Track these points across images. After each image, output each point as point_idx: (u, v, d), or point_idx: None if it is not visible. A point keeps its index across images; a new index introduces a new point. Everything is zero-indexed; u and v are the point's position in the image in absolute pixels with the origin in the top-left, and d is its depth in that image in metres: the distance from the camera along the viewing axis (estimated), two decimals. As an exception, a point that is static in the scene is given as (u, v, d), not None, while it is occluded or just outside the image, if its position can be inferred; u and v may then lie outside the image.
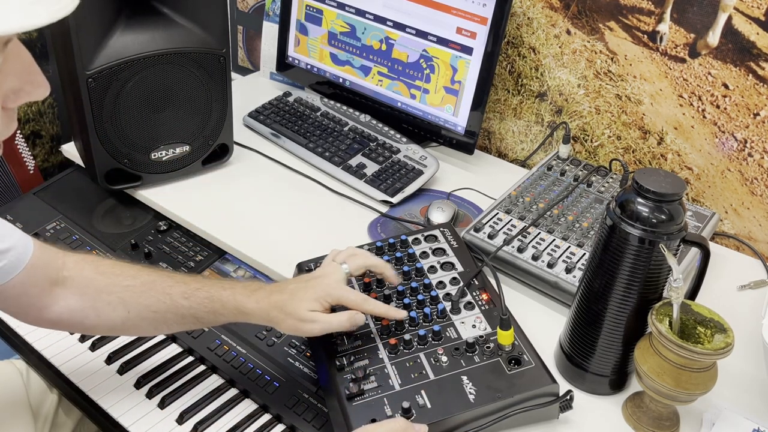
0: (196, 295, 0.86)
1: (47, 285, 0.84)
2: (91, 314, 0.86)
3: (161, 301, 0.86)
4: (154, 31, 1.14)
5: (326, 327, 0.85)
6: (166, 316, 0.87)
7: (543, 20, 1.33)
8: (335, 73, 1.52)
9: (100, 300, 0.86)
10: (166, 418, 0.91)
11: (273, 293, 0.86)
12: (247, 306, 0.86)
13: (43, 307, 0.85)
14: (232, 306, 0.86)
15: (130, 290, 0.86)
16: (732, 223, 1.24)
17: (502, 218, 1.14)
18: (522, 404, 0.83)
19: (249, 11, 1.73)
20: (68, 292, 0.86)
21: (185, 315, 0.86)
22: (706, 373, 0.80)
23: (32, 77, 0.57)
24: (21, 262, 0.80)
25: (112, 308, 0.86)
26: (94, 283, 0.87)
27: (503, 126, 1.47)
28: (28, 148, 1.53)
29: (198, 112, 1.24)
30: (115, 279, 0.87)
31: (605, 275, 0.84)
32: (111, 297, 0.86)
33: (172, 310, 0.86)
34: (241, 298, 0.86)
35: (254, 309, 0.86)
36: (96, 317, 0.86)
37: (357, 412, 0.81)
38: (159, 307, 0.86)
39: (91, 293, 0.86)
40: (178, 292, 0.86)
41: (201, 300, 0.86)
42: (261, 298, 0.86)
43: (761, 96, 1.14)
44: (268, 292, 0.87)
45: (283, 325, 0.85)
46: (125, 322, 0.87)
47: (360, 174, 1.31)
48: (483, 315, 0.93)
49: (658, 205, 0.79)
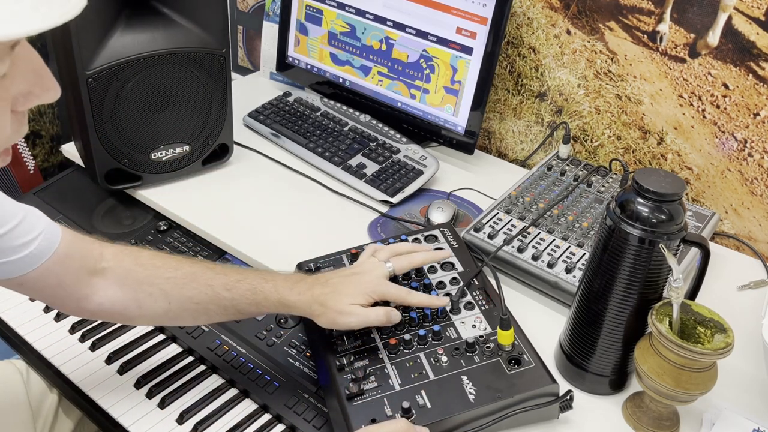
0: (238, 287, 0.87)
1: (84, 275, 0.84)
2: (133, 305, 0.86)
3: (203, 292, 0.86)
4: (154, 31, 1.14)
5: (364, 320, 0.86)
6: (209, 308, 0.87)
7: (543, 20, 1.33)
8: (335, 73, 1.52)
9: (141, 291, 0.86)
10: (166, 418, 0.91)
11: (315, 286, 0.87)
12: (290, 298, 0.87)
13: (81, 298, 0.85)
14: (275, 299, 0.87)
15: (172, 282, 0.86)
16: (732, 223, 1.24)
17: (502, 218, 1.14)
18: (522, 404, 0.83)
19: (249, 11, 1.73)
20: (108, 283, 0.86)
21: (227, 306, 0.87)
22: (706, 373, 0.80)
23: (42, 80, 0.57)
24: (47, 252, 0.79)
25: (153, 299, 0.86)
26: (134, 274, 0.87)
27: (503, 126, 1.47)
28: (28, 148, 1.53)
29: (198, 112, 1.24)
30: (155, 271, 0.87)
31: (605, 275, 0.84)
32: (152, 288, 0.86)
33: (215, 301, 0.87)
34: (283, 290, 0.87)
35: (296, 301, 0.87)
36: (137, 308, 0.87)
37: (357, 412, 0.81)
38: (201, 298, 0.86)
39: (132, 284, 0.86)
40: (220, 284, 0.87)
41: (243, 292, 0.87)
42: (303, 291, 0.87)
43: (761, 96, 1.14)
44: (309, 284, 0.88)
45: (322, 318, 0.86)
46: (167, 313, 0.87)
47: (360, 174, 1.31)
48: (483, 315, 0.93)
49: (658, 205, 0.79)
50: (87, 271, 0.84)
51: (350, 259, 1.05)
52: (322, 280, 0.89)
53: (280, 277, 0.89)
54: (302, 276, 0.91)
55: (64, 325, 1.04)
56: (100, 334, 1.02)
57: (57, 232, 0.81)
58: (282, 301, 0.87)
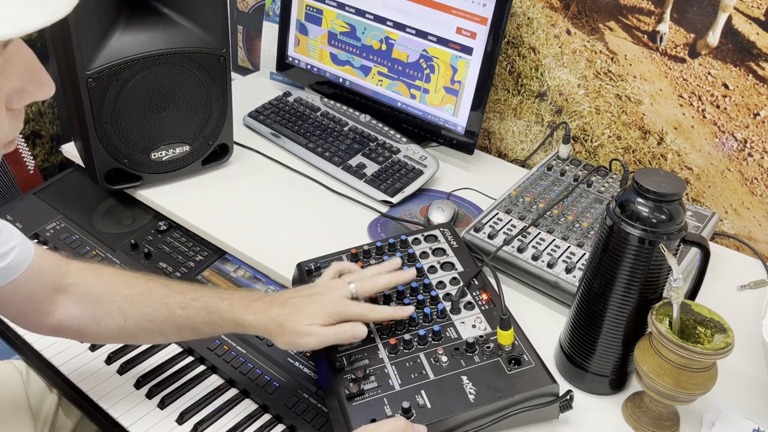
0: (192, 305, 0.85)
1: (50, 291, 0.84)
2: (90, 323, 0.86)
3: (158, 311, 0.85)
4: (154, 31, 1.14)
5: (323, 341, 0.83)
6: (163, 326, 0.86)
7: (543, 20, 1.33)
8: (335, 73, 1.52)
9: (99, 309, 0.86)
10: (166, 418, 0.91)
11: (273, 306, 0.85)
12: (245, 318, 0.84)
13: (44, 314, 0.85)
14: (230, 318, 0.84)
15: (129, 300, 0.86)
16: (732, 223, 1.24)
17: (502, 218, 1.14)
18: (522, 404, 0.83)
19: (249, 11, 1.73)
20: (69, 300, 0.86)
21: (182, 325, 0.86)
22: (706, 373, 0.80)
23: (36, 77, 0.57)
24: (22, 264, 0.80)
25: (110, 317, 0.85)
26: (95, 291, 0.86)
27: (503, 126, 1.47)
28: (28, 148, 1.53)
29: (198, 112, 1.24)
30: (115, 287, 0.87)
31: (605, 275, 0.84)
32: (110, 306, 0.86)
33: (169, 320, 0.85)
34: (238, 310, 0.84)
35: (252, 321, 0.84)
36: (95, 326, 0.86)
37: (357, 412, 0.81)
38: (155, 316, 0.85)
39: (91, 302, 0.86)
40: (175, 302, 0.85)
41: (198, 311, 0.85)
42: (259, 311, 0.84)
43: (761, 96, 1.14)
44: (267, 304, 0.85)
45: (280, 340, 0.84)
46: (122, 331, 0.86)
47: (360, 174, 1.31)
48: (483, 315, 0.93)
49: (658, 205, 0.79)
50: (53, 288, 0.84)
51: (350, 259, 1.05)
52: (280, 300, 0.86)
53: (236, 296, 0.87)
54: (260, 295, 0.88)
55: (64, 325, 1.04)
56: (100, 334, 1.02)
57: (30, 247, 0.81)
58: (237, 320, 0.84)
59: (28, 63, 0.56)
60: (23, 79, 0.56)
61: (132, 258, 1.16)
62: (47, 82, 0.57)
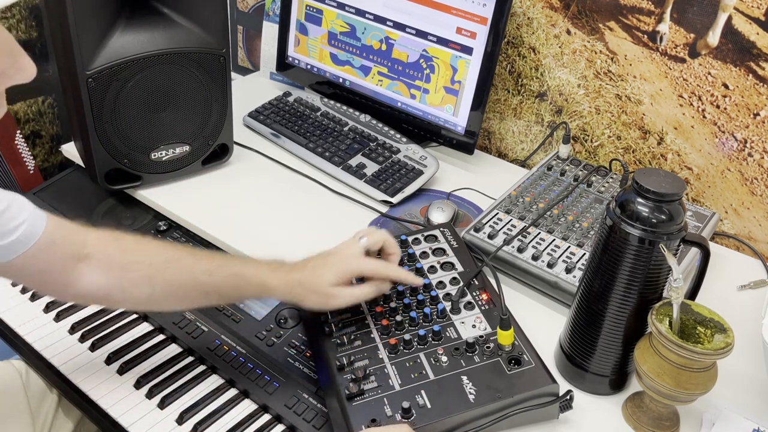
0: (219, 271, 0.88)
1: (69, 261, 0.84)
2: (117, 291, 0.87)
3: (185, 277, 0.87)
4: (154, 31, 1.14)
5: (351, 299, 0.89)
6: (191, 293, 0.88)
7: (543, 20, 1.33)
8: (335, 73, 1.52)
9: (124, 277, 0.87)
10: (166, 418, 0.91)
11: (293, 271, 0.89)
12: (271, 282, 0.88)
13: (67, 284, 0.85)
14: (256, 282, 0.88)
15: (154, 267, 0.87)
16: (732, 223, 1.24)
17: (502, 218, 1.14)
18: (522, 404, 0.83)
19: (249, 11, 1.73)
20: (92, 269, 0.86)
21: (209, 291, 0.88)
22: (706, 373, 0.80)
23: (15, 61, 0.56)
24: (31, 238, 0.79)
25: (136, 285, 0.87)
26: (118, 260, 0.87)
27: (503, 126, 1.47)
28: (28, 148, 1.53)
29: (198, 112, 1.24)
30: (138, 256, 0.88)
31: (605, 275, 0.84)
32: (135, 274, 0.87)
33: (197, 287, 0.87)
34: (264, 275, 0.88)
35: (277, 285, 0.88)
36: (121, 293, 0.87)
37: (357, 412, 0.81)
38: (183, 283, 0.87)
39: (116, 270, 0.87)
40: (201, 269, 0.87)
41: (225, 276, 0.88)
42: (283, 275, 0.89)
43: (761, 96, 1.14)
44: (289, 269, 0.90)
45: (307, 301, 0.88)
46: (150, 299, 0.88)
47: (360, 174, 1.31)
48: (483, 315, 0.93)
49: (658, 205, 0.79)
50: (72, 258, 0.85)
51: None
52: (300, 264, 0.90)
53: (261, 263, 0.91)
54: (282, 261, 0.92)
55: (64, 325, 1.04)
56: (100, 334, 1.02)
57: (41, 220, 0.81)
58: (263, 284, 0.88)
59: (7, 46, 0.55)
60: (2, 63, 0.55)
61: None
62: (27, 66, 0.57)
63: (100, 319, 1.05)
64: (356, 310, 0.96)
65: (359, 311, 0.95)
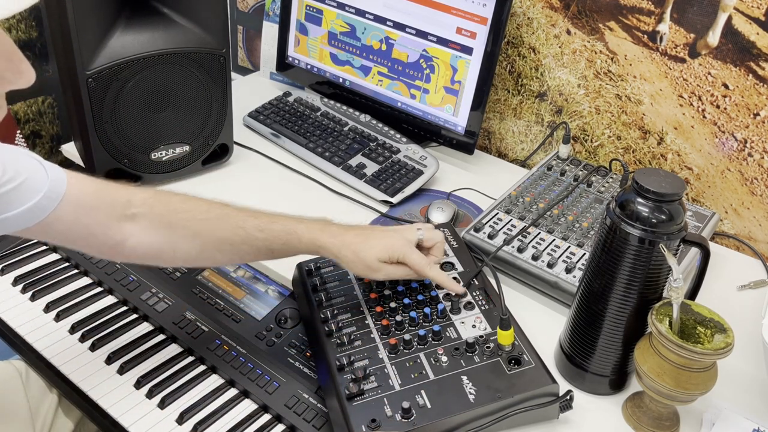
0: (270, 228, 0.89)
1: (114, 222, 0.84)
2: (167, 248, 0.88)
3: (236, 234, 0.88)
4: (154, 31, 1.14)
5: (389, 277, 0.91)
6: (242, 248, 0.89)
7: (543, 20, 1.33)
8: (335, 73, 1.52)
9: (174, 234, 0.87)
10: (166, 418, 0.91)
11: (348, 232, 0.91)
12: (322, 239, 0.89)
13: (114, 244, 0.85)
14: (308, 238, 0.89)
15: (204, 224, 0.88)
16: (732, 223, 1.24)
17: (502, 218, 1.14)
18: (522, 404, 0.83)
19: (249, 11, 1.73)
20: (140, 228, 0.86)
21: (260, 247, 0.89)
22: (706, 373, 0.80)
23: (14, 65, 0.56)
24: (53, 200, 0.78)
25: (187, 242, 0.87)
26: (167, 218, 0.87)
27: (503, 126, 1.47)
28: (28, 148, 1.53)
29: (198, 112, 1.24)
30: (187, 214, 0.88)
31: (605, 275, 0.84)
32: (185, 231, 0.87)
33: (248, 242, 0.88)
34: (316, 232, 0.89)
35: (328, 243, 0.89)
36: (172, 251, 0.88)
37: (357, 412, 0.81)
38: (234, 240, 0.88)
39: (165, 228, 0.87)
40: (252, 225, 0.88)
41: (277, 233, 0.89)
42: (336, 234, 0.90)
43: (761, 96, 1.14)
44: (343, 229, 0.91)
45: (352, 266, 0.90)
46: (200, 254, 0.89)
47: (360, 174, 1.31)
48: (483, 315, 0.93)
49: (658, 205, 0.79)
50: (116, 218, 0.85)
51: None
52: (355, 229, 0.92)
53: (311, 221, 0.92)
54: (331, 221, 0.94)
55: (64, 325, 1.04)
56: (100, 334, 1.02)
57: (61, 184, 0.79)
58: (315, 241, 0.89)
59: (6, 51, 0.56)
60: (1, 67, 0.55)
61: (132, 258, 1.16)
62: (27, 71, 0.57)
63: (100, 319, 1.05)
64: (356, 310, 0.96)
65: (359, 311, 0.96)
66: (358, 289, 0.99)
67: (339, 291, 0.99)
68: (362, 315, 0.95)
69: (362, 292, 0.98)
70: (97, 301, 1.09)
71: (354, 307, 0.96)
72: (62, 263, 1.16)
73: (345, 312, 0.95)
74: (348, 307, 0.96)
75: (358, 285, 1.00)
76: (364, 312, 0.95)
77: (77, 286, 1.12)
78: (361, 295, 0.98)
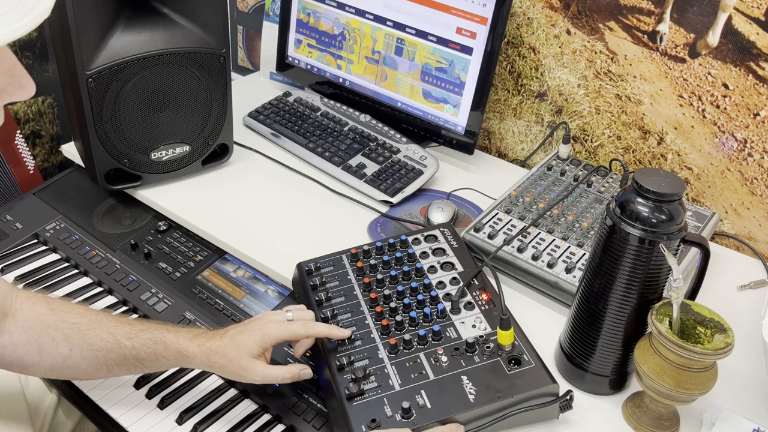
0: (139, 336, 0.86)
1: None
2: (33, 350, 0.85)
3: (104, 339, 0.85)
4: (154, 31, 1.14)
5: (266, 378, 0.85)
6: (108, 356, 0.86)
7: (543, 20, 1.33)
8: (335, 73, 1.52)
9: (45, 335, 0.85)
10: (165, 419, 0.91)
11: (213, 338, 0.86)
12: (189, 349, 0.86)
13: None
14: (174, 348, 0.86)
15: (76, 327, 0.86)
16: (732, 223, 1.24)
17: (502, 218, 1.14)
18: (522, 404, 0.83)
19: (249, 11, 1.73)
20: (15, 326, 0.85)
21: (127, 356, 0.86)
22: (706, 373, 0.80)
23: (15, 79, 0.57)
24: None
25: (55, 344, 0.85)
26: (43, 317, 0.86)
27: (503, 126, 1.47)
28: (28, 148, 1.53)
29: (198, 112, 1.24)
30: (63, 315, 0.87)
31: (605, 275, 0.84)
32: (56, 333, 0.85)
33: (115, 350, 0.86)
34: (183, 341, 0.86)
35: (196, 353, 0.85)
36: (37, 353, 0.85)
37: (357, 412, 0.81)
38: (102, 345, 0.85)
39: (37, 327, 0.85)
40: (122, 332, 0.86)
41: (144, 341, 0.86)
42: (202, 343, 0.86)
43: (761, 96, 1.14)
44: (209, 336, 0.87)
45: (225, 372, 0.86)
46: (66, 360, 0.86)
47: (360, 174, 1.31)
48: (483, 315, 0.93)
49: (658, 205, 0.79)
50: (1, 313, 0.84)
51: (350, 259, 1.05)
52: (221, 332, 0.88)
53: (183, 330, 0.88)
54: (205, 330, 0.90)
55: (64, 325, 1.04)
56: (100, 334, 1.02)
57: None
58: (181, 351, 0.86)
59: (7, 65, 0.56)
60: (2, 81, 0.56)
61: (132, 258, 1.16)
62: (27, 84, 0.58)
63: (100, 319, 1.05)
64: (356, 310, 0.96)
65: (359, 311, 0.96)
66: (358, 289, 0.99)
67: (339, 291, 0.99)
68: (362, 315, 0.95)
69: (362, 292, 0.98)
70: (98, 301, 1.09)
71: (354, 307, 0.96)
72: (62, 263, 1.16)
73: (345, 312, 0.95)
74: (348, 306, 0.96)
75: (358, 285, 1.00)
76: (364, 312, 0.95)
77: (77, 286, 1.12)
78: (361, 295, 0.98)
